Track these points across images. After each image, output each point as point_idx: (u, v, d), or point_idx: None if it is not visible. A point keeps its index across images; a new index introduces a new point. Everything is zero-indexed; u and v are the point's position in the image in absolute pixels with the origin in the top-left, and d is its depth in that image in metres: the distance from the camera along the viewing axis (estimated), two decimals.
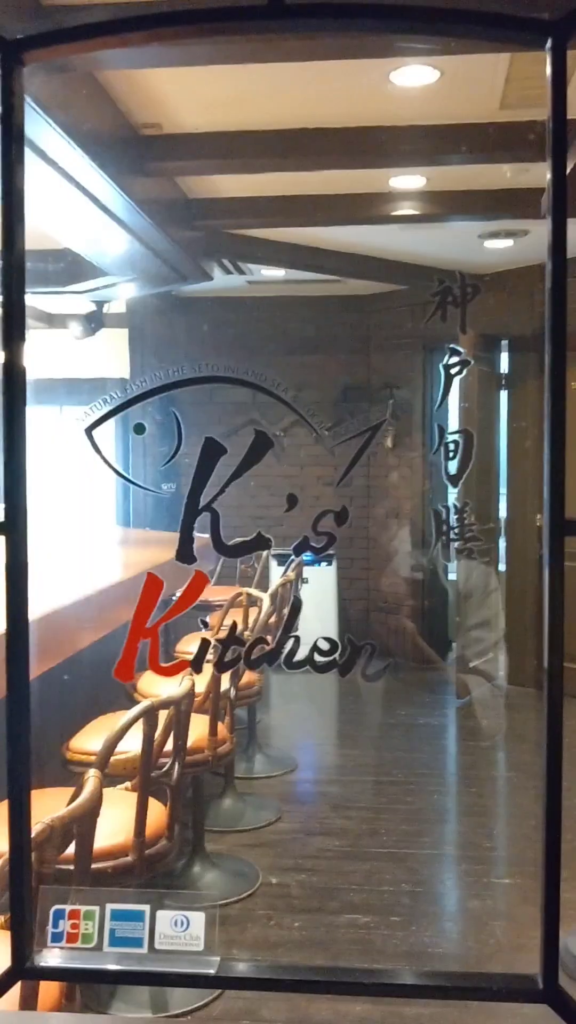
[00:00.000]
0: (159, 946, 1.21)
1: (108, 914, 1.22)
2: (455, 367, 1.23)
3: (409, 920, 3.48)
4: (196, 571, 1.23)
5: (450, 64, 3.28)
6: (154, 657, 1.22)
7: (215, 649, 1.27)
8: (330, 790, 4.82)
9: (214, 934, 1.21)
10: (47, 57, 1.21)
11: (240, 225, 5.18)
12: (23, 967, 1.21)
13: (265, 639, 1.24)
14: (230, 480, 1.20)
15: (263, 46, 3.01)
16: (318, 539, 1.21)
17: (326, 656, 1.23)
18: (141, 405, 1.26)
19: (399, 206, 4.76)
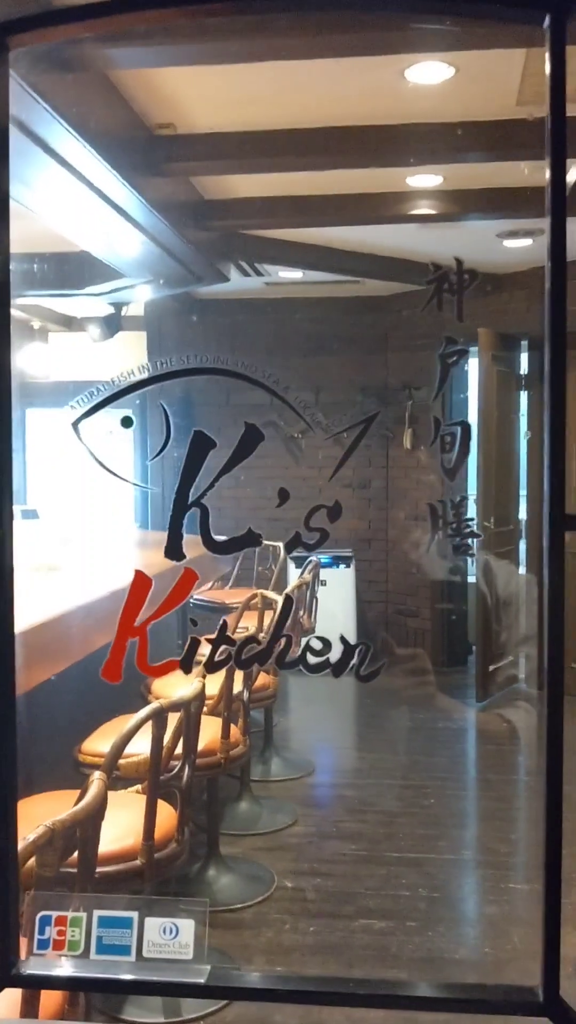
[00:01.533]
0: (147, 954, 1.18)
1: (95, 921, 1.19)
2: (452, 357, 1.20)
3: (425, 925, 3.43)
4: (185, 569, 1.20)
5: (465, 60, 3.24)
6: (142, 656, 1.19)
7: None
8: (347, 794, 4.77)
9: (204, 942, 1.18)
10: (33, 41, 1.18)
11: (256, 226, 5.15)
12: (8, 974, 1.19)
13: (257, 639, 1.21)
14: (220, 474, 1.18)
15: (276, 44, 2.99)
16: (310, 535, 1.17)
17: (318, 656, 1.19)
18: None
19: (416, 205, 4.72)
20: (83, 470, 1.29)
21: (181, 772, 2.67)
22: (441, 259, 1.26)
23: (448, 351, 1.20)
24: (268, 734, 4.91)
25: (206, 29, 2.69)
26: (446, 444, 1.19)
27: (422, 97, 3.58)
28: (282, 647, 1.20)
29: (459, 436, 1.19)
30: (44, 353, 6.65)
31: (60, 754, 3.14)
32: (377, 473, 6.74)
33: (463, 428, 1.19)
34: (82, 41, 2.70)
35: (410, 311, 6.15)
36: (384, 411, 6.34)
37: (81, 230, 4.47)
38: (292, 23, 2.66)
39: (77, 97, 3.24)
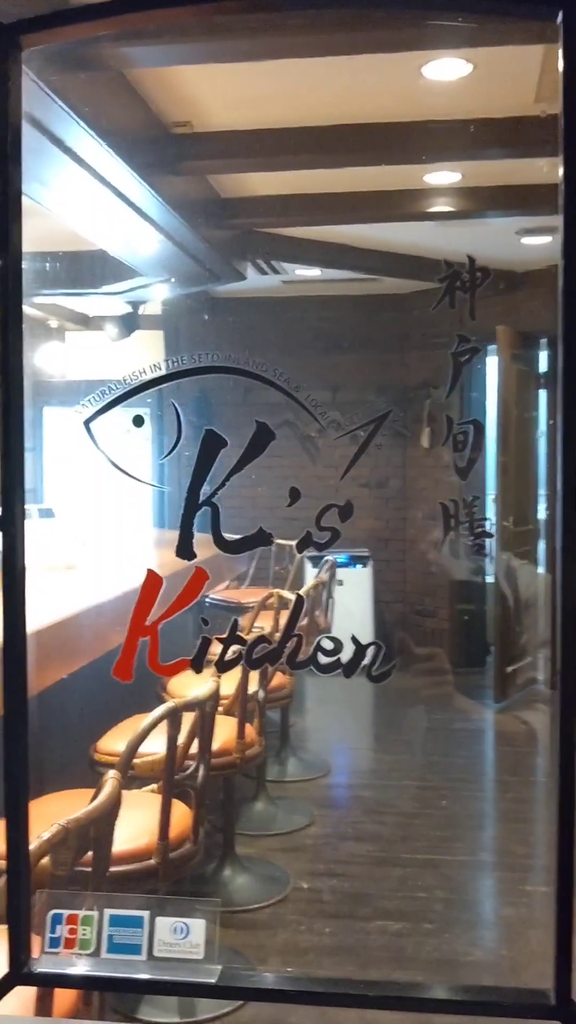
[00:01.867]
0: (158, 953, 1.17)
1: (107, 920, 1.19)
2: (465, 355, 1.19)
3: (442, 928, 3.42)
4: (196, 568, 1.19)
5: (482, 56, 3.22)
6: (153, 655, 1.19)
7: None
8: (363, 794, 4.76)
9: (215, 942, 1.17)
10: (45, 41, 1.18)
11: (273, 224, 5.15)
12: (20, 972, 1.19)
13: (268, 639, 1.20)
14: (231, 473, 1.17)
15: (292, 41, 2.98)
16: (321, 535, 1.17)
17: (330, 656, 1.18)
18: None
19: (434, 202, 4.70)
20: (98, 469, 1.28)
21: (196, 772, 2.67)
22: (459, 256, 1.25)
23: (461, 349, 1.19)
24: (284, 734, 4.91)
25: (220, 27, 2.69)
26: (459, 443, 1.18)
27: (439, 94, 3.56)
28: (294, 647, 1.19)
29: (471, 435, 1.18)
30: (61, 352, 6.67)
31: (76, 753, 3.15)
32: (394, 472, 6.72)
33: (475, 427, 1.18)
34: (97, 40, 2.70)
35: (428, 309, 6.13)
36: (402, 410, 6.32)
37: (98, 229, 4.48)
38: (308, 21, 2.66)
39: (93, 96, 3.24)
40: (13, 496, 1.21)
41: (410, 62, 3.25)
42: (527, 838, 4.23)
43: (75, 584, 3.98)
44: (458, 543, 1.22)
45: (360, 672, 1.23)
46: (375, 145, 3.94)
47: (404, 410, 6.35)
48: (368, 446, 1.19)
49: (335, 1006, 1.18)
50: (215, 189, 4.62)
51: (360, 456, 1.20)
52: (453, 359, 1.20)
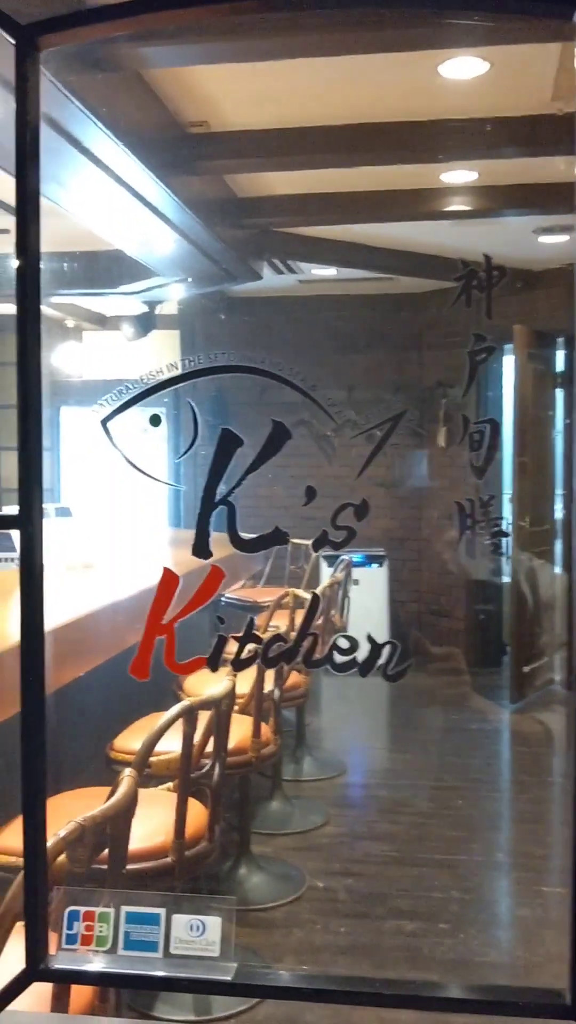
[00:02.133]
0: (174, 950, 1.18)
1: (123, 917, 1.19)
2: (481, 354, 1.18)
3: (457, 928, 3.41)
4: (212, 566, 1.20)
5: (499, 55, 3.21)
6: (170, 654, 1.19)
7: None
8: (379, 794, 4.76)
9: (231, 940, 1.18)
10: (63, 42, 1.19)
11: (290, 223, 5.15)
12: (37, 969, 1.19)
13: (284, 637, 1.21)
14: (247, 472, 1.17)
15: (308, 41, 2.98)
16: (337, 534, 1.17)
17: (346, 655, 1.19)
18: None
19: (451, 201, 4.69)
20: (114, 468, 1.29)
21: (212, 770, 2.67)
22: (475, 256, 1.24)
23: (477, 348, 1.19)
24: (300, 733, 4.91)
25: (237, 27, 2.69)
26: (475, 442, 1.18)
27: (456, 93, 3.55)
28: (309, 646, 1.19)
29: (488, 434, 1.18)
30: (78, 352, 6.69)
31: (93, 751, 3.16)
32: (410, 471, 6.70)
33: (492, 425, 1.18)
34: (114, 41, 2.72)
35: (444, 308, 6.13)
36: (417, 409, 6.31)
37: (114, 228, 4.49)
38: (324, 20, 2.66)
39: (110, 96, 3.26)
40: (31, 494, 1.22)
41: (426, 61, 3.24)
42: (543, 839, 4.21)
43: (92, 583, 3.99)
44: (474, 542, 1.22)
45: (376, 671, 1.23)
46: (391, 144, 3.94)
47: (420, 410, 6.34)
48: (384, 445, 1.19)
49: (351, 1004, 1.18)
50: (231, 189, 4.63)
51: (376, 455, 1.20)
52: (469, 358, 1.19)
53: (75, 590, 3.60)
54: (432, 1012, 1.26)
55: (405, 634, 6.92)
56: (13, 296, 1.27)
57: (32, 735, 1.25)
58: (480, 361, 1.19)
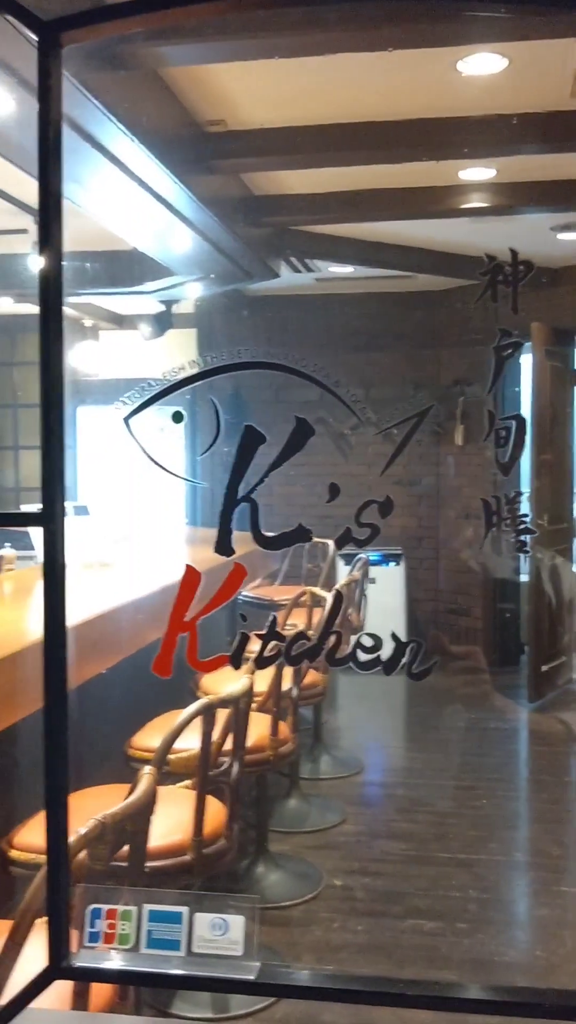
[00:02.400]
0: (197, 949, 1.17)
1: (146, 915, 1.19)
2: (507, 350, 1.17)
3: (475, 927, 3.40)
4: (235, 564, 1.19)
5: (518, 51, 3.20)
6: (192, 651, 1.19)
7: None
8: (397, 793, 4.75)
9: (254, 939, 1.17)
10: (85, 38, 1.18)
11: (307, 221, 5.14)
12: (59, 967, 1.19)
13: (307, 635, 1.20)
14: (270, 469, 1.17)
15: (326, 38, 2.97)
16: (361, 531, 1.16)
17: (369, 653, 1.18)
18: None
19: (469, 199, 4.67)
20: (134, 467, 1.29)
21: (230, 768, 2.67)
22: (494, 252, 1.24)
23: (503, 344, 1.18)
24: (318, 732, 4.90)
25: (256, 24, 2.69)
26: (500, 438, 1.17)
27: (475, 89, 3.54)
28: (332, 644, 1.19)
29: (514, 430, 1.17)
30: (96, 351, 6.71)
31: (112, 748, 3.16)
32: (428, 470, 6.69)
33: (518, 421, 1.17)
34: (133, 39, 2.72)
35: (462, 306, 6.11)
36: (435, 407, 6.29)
37: (132, 227, 4.49)
38: (342, 16, 2.65)
39: (128, 95, 3.26)
40: (54, 492, 1.22)
41: (445, 57, 3.23)
42: (562, 838, 4.20)
43: (110, 581, 4.00)
44: (500, 540, 1.21)
45: (399, 670, 1.23)
46: (409, 142, 3.92)
47: (438, 407, 6.32)
48: (409, 442, 1.18)
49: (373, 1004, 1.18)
50: (249, 187, 4.62)
51: (400, 452, 1.19)
52: (495, 353, 1.19)
53: (93, 588, 3.61)
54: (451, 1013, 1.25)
55: (423, 633, 6.91)
56: (32, 296, 1.28)
57: (55, 732, 1.25)
58: (507, 357, 1.18)
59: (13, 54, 1.81)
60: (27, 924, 1.41)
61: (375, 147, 3.97)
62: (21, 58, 1.17)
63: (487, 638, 6.66)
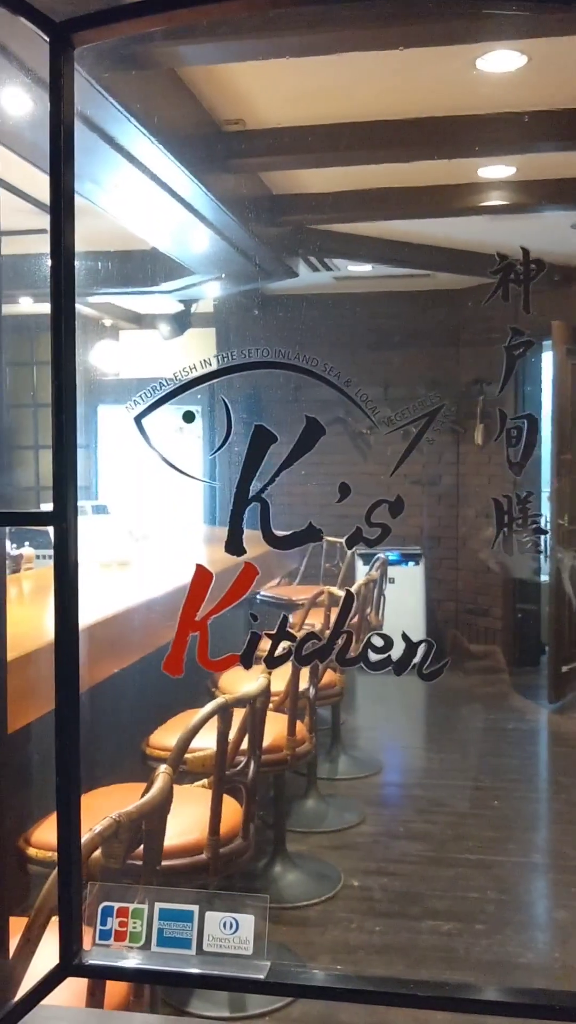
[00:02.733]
0: (207, 948, 1.17)
1: (156, 913, 1.19)
2: (518, 349, 1.17)
3: (494, 929, 3.38)
4: (246, 563, 1.19)
5: (538, 48, 3.18)
6: (203, 650, 1.19)
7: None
8: (415, 793, 4.73)
9: (264, 938, 1.17)
10: (98, 38, 1.19)
11: (325, 220, 5.14)
12: (71, 964, 1.20)
13: (318, 635, 1.20)
14: (281, 468, 1.17)
15: (344, 36, 2.97)
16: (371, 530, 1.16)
17: (380, 653, 1.17)
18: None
19: (488, 197, 4.65)
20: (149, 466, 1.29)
21: (247, 768, 2.67)
22: (513, 251, 1.23)
23: (514, 343, 1.17)
24: (335, 732, 4.90)
25: (272, 23, 2.69)
26: (512, 437, 1.17)
27: (494, 87, 3.52)
28: (343, 643, 1.19)
29: (525, 429, 1.16)
30: (115, 350, 6.73)
31: (131, 747, 3.18)
32: (447, 469, 6.67)
33: (529, 421, 1.16)
34: (149, 38, 2.72)
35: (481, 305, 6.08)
36: (455, 407, 6.26)
37: (150, 227, 4.51)
38: (358, 14, 2.64)
39: (146, 94, 3.26)
40: (66, 490, 1.22)
41: (464, 55, 3.22)
42: None
43: (128, 580, 4.01)
44: (511, 540, 1.20)
45: (411, 670, 1.22)
46: (428, 140, 3.91)
47: (457, 407, 6.30)
48: (420, 441, 1.17)
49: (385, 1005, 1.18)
50: (267, 186, 4.62)
51: (411, 451, 1.18)
52: (506, 352, 1.18)
53: (111, 587, 3.62)
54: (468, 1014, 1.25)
55: (442, 633, 6.88)
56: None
57: (66, 730, 1.25)
58: (518, 356, 1.17)
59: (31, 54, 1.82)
60: (42, 922, 1.42)
61: (393, 145, 3.96)
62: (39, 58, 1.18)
63: (507, 638, 6.62)
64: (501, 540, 1.17)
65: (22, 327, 3.44)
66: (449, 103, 3.75)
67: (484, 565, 6.61)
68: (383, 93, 3.67)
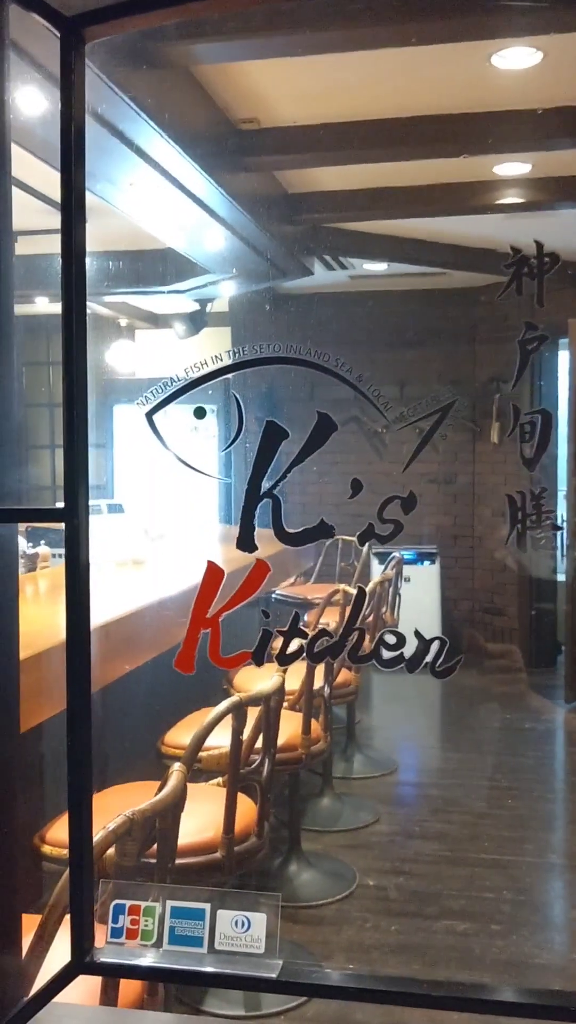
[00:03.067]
0: (219, 946, 1.17)
1: (168, 911, 1.19)
2: (531, 343, 1.16)
3: (510, 929, 3.37)
4: (257, 560, 1.19)
5: (553, 44, 3.16)
6: (215, 648, 1.19)
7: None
8: (430, 793, 4.72)
9: (276, 937, 1.16)
10: (109, 33, 1.18)
11: (340, 219, 5.13)
12: (82, 961, 1.19)
13: (330, 633, 1.19)
14: (292, 465, 1.16)
15: (358, 33, 2.96)
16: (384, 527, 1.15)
17: (392, 651, 1.17)
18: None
19: (504, 194, 4.63)
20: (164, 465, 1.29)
21: (261, 766, 2.67)
22: (527, 248, 1.22)
23: (528, 337, 1.16)
24: (350, 731, 4.89)
25: (285, 20, 2.68)
26: (525, 433, 1.16)
27: (509, 83, 3.50)
28: (355, 641, 1.18)
29: (539, 425, 1.15)
30: (131, 350, 6.74)
31: (146, 744, 3.18)
32: (463, 468, 6.64)
33: (543, 416, 1.15)
34: (162, 37, 2.72)
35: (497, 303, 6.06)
36: (471, 405, 6.24)
37: (165, 226, 4.51)
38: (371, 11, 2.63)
39: (160, 93, 3.27)
40: (77, 488, 1.22)
41: (478, 51, 3.20)
42: None
43: (143, 579, 4.02)
44: (526, 538, 1.19)
45: (423, 668, 1.21)
46: (443, 137, 3.90)
47: (473, 405, 6.27)
48: (432, 437, 1.16)
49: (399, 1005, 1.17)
50: (282, 184, 4.62)
51: (424, 447, 1.17)
52: (520, 347, 1.17)
53: (126, 586, 3.62)
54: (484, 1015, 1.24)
55: (457, 632, 6.86)
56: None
57: (78, 729, 1.25)
58: (532, 351, 1.16)
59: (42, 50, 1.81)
60: (55, 919, 1.42)
61: (408, 143, 3.95)
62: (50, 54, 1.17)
63: (523, 637, 6.59)
64: (515, 536, 1.16)
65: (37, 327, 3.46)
66: (464, 100, 3.73)
67: (500, 564, 6.58)
68: (397, 90, 3.66)
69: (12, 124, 1.26)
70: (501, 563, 6.56)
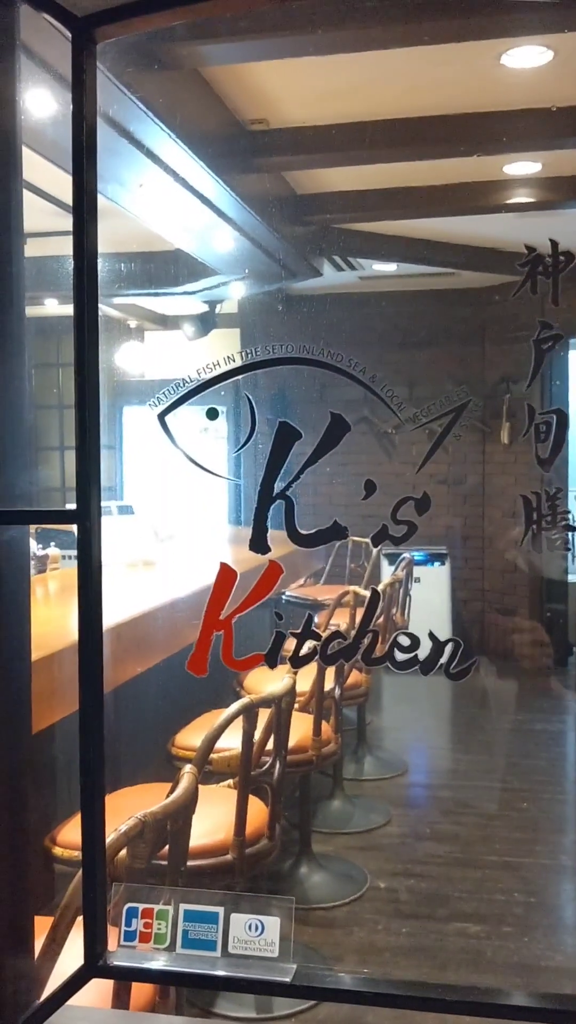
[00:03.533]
0: (233, 950, 1.16)
1: (181, 914, 1.18)
2: (546, 342, 1.15)
3: (521, 931, 3.35)
4: (270, 562, 1.18)
5: (564, 43, 3.15)
6: (227, 649, 1.18)
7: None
8: (441, 794, 4.70)
9: (290, 940, 1.16)
10: (120, 33, 1.18)
11: (350, 219, 5.12)
12: (95, 965, 1.19)
13: (343, 634, 1.19)
14: (305, 466, 1.15)
15: (367, 33, 2.95)
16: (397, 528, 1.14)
17: (406, 652, 1.16)
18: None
19: (514, 194, 4.62)
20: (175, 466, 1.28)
21: (272, 768, 2.66)
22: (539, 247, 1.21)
23: (543, 336, 1.15)
24: (361, 732, 4.88)
25: (294, 20, 2.67)
26: (540, 433, 1.15)
27: (519, 82, 3.49)
28: (369, 643, 1.17)
29: (554, 425, 1.14)
30: (140, 352, 6.75)
31: (157, 746, 3.18)
32: (473, 469, 6.63)
33: (559, 416, 1.14)
34: (172, 38, 2.72)
35: (508, 302, 6.04)
36: (481, 406, 6.23)
37: (174, 227, 4.51)
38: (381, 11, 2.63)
39: (169, 94, 3.27)
40: (89, 489, 1.21)
41: (488, 51, 3.19)
42: None
43: (154, 581, 4.02)
44: (540, 539, 1.18)
45: (438, 670, 1.21)
46: (453, 137, 3.89)
47: (483, 406, 6.26)
48: (446, 438, 1.16)
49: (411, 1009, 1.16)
50: (291, 185, 4.61)
51: (438, 447, 1.17)
52: (535, 347, 1.16)
53: (136, 587, 3.62)
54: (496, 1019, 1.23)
55: (468, 633, 6.85)
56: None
57: (90, 730, 1.25)
58: (546, 350, 1.15)
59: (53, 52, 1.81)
60: (67, 922, 1.41)
61: (418, 143, 3.94)
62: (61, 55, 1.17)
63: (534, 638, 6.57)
64: (530, 538, 1.15)
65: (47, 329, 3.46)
66: (474, 99, 3.72)
67: (510, 565, 6.56)
68: (407, 90, 3.65)
69: (23, 126, 1.26)
70: (512, 564, 6.54)
